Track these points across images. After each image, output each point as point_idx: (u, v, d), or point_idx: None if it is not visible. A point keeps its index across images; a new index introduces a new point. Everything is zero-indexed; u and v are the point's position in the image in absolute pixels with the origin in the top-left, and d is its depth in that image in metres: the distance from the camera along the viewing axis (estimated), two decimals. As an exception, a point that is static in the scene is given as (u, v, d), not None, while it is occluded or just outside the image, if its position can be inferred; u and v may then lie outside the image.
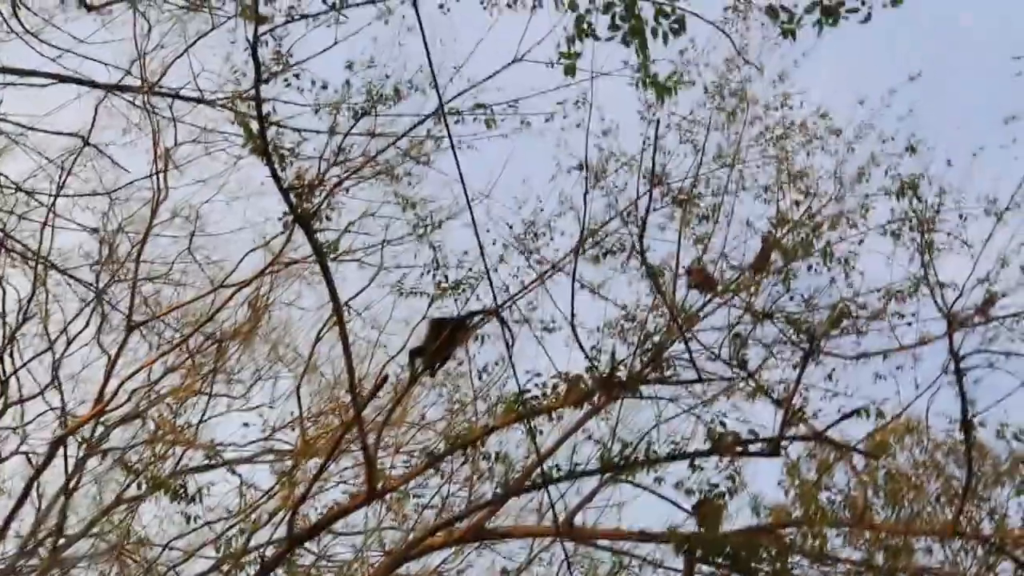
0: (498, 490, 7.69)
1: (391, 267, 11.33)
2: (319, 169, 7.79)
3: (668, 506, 7.77)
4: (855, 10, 4.51)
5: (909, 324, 8.01)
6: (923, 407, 10.23)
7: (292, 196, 7.17)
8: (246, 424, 12.26)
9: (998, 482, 14.11)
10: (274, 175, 6.86)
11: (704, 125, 8.27)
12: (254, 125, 6.52)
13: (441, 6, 7.77)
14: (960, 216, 7.90)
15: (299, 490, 7.90)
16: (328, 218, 7.72)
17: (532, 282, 8.17)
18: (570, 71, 4.88)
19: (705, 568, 7.08)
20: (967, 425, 7.81)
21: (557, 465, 7.53)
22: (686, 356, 7.65)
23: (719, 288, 8.30)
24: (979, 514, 13.91)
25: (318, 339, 11.61)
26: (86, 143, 10.72)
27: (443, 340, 7.84)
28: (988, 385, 8.56)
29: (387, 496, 8.26)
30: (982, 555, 10.39)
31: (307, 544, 10.48)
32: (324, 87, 8.28)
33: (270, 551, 8.91)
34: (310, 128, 7.74)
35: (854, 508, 8.94)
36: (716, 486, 6.98)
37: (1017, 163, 7.84)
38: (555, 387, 7.09)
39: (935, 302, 7.69)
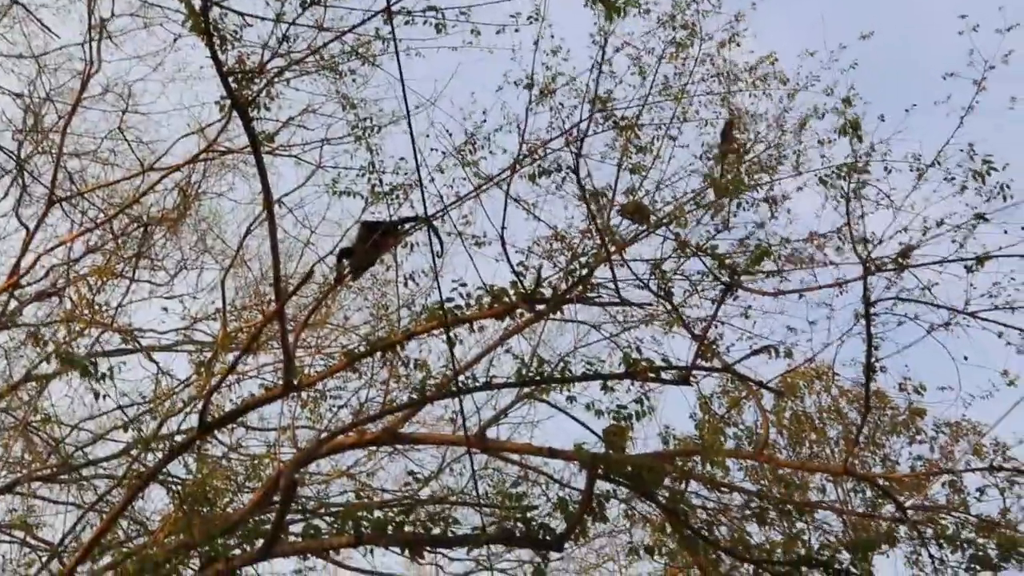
0: (414, 395, 7.77)
1: (328, 166, 11.24)
2: (261, 57, 7.61)
3: (579, 429, 8.01)
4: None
5: (827, 265, 8.22)
6: (833, 355, 10.66)
7: (231, 81, 7.00)
8: (165, 309, 12.12)
9: (894, 431, 14.84)
10: (214, 56, 6.67)
11: (655, 55, 8.28)
12: (196, 2, 6.31)
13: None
14: (886, 170, 8.09)
15: (215, 380, 7.87)
16: (267, 108, 7.57)
17: (467, 194, 8.18)
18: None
19: (607, 487, 7.28)
20: (869, 369, 8.10)
21: (474, 376, 7.67)
22: (611, 282, 7.79)
23: (652, 219, 8.42)
24: (873, 459, 14.65)
25: (248, 232, 11.47)
26: (14, 1, 10.26)
27: (372, 243, 7.83)
28: (896, 337, 8.87)
29: (303, 393, 8.31)
30: (871, 496, 10.95)
31: (220, 435, 10.53)
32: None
33: (180, 439, 8.91)
34: (255, 14, 7.51)
35: (757, 443, 9.28)
36: (624, 407, 7.16)
37: (950, 119, 8.00)
38: (479, 299, 7.16)
39: (854, 248, 7.91)
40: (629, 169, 8.13)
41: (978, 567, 10.65)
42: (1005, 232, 7.88)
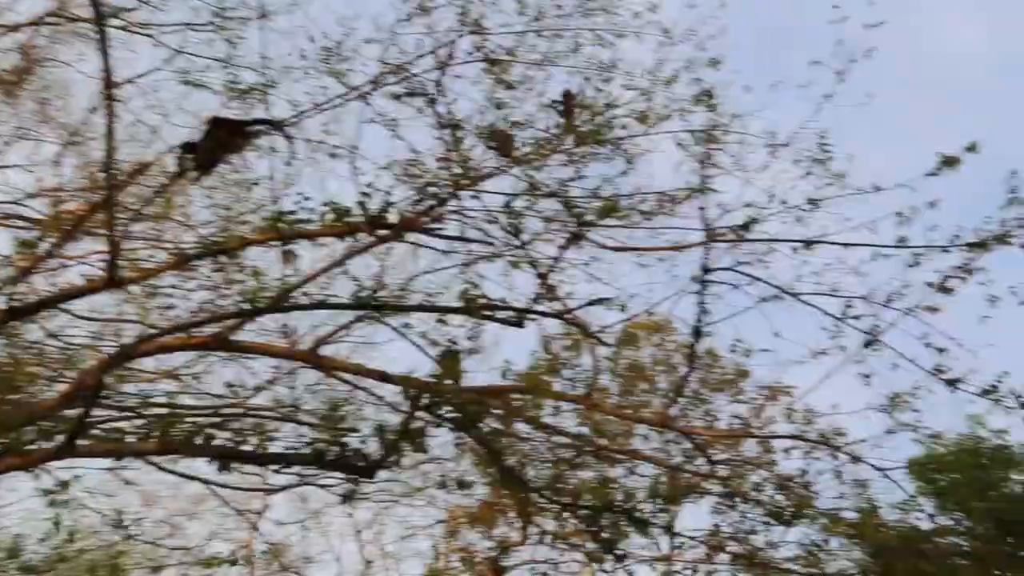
0: (245, 305, 7.52)
1: (188, 53, 10.57)
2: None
3: (417, 353, 7.97)
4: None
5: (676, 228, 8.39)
6: (671, 308, 10.98)
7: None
8: (-9, 182, 11.27)
9: (720, 388, 15.60)
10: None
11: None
12: None
13: None
14: (740, 143, 8.27)
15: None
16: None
17: (325, 103, 7.86)
18: None
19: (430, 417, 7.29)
20: (697, 331, 8.38)
21: (309, 294, 7.47)
22: (462, 212, 7.72)
23: (515, 153, 8.33)
24: (697, 414, 15.35)
25: (93, 109, 10.71)
26: None
27: (219, 140, 7.47)
28: (733, 300, 9.17)
29: (128, 287, 7.92)
30: (687, 449, 11.46)
31: (40, 321, 9.94)
32: None
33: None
34: None
35: (588, 388, 9.48)
36: (455, 342, 7.16)
37: (808, 102, 8.23)
38: (323, 216, 6.95)
39: (700, 213, 8.10)
40: (495, 104, 8.00)
41: (774, 521, 11.38)
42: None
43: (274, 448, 7.04)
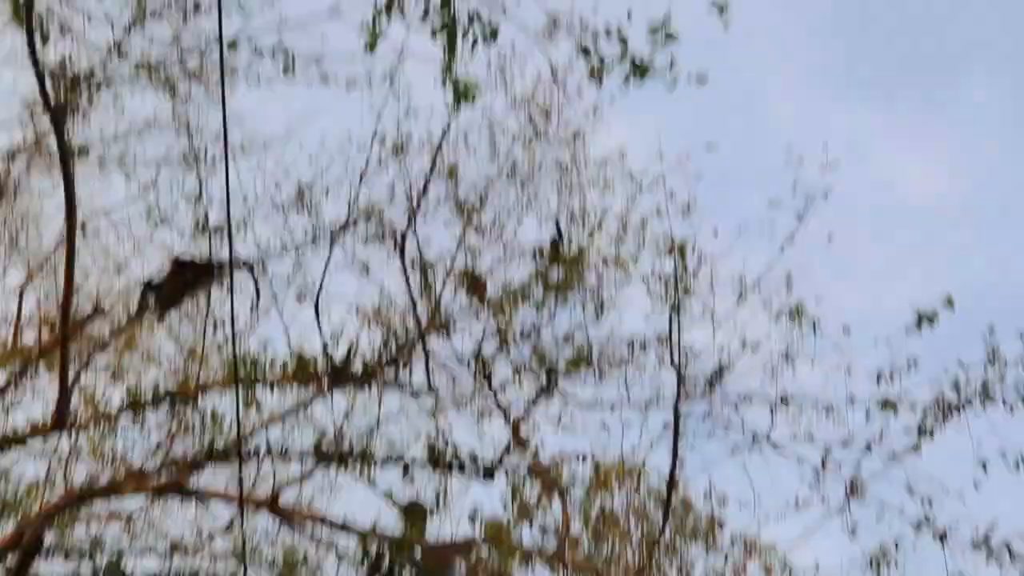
0: (202, 453, 7.20)
1: (158, 189, 10.52)
2: (91, 61, 7.03)
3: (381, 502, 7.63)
4: (664, 74, 4.46)
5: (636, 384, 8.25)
6: (643, 456, 10.72)
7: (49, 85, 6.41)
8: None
9: (694, 538, 15.10)
10: (32, 52, 6.10)
11: (510, 135, 8.14)
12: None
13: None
14: (710, 288, 8.21)
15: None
16: (86, 117, 6.93)
17: (293, 245, 7.74)
18: (372, 46, 4.56)
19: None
20: (671, 481, 8.13)
21: (268, 441, 7.17)
22: (432, 357, 7.52)
23: (486, 297, 8.21)
24: (672, 563, 14.82)
25: (58, 245, 10.53)
26: None
27: (182, 280, 7.29)
28: (706, 448, 8.97)
29: (78, 430, 7.57)
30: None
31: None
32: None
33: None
34: (87, 16, 6.91)
35: (560, 541, 9.12)
36: (418, 505, 6.86)
37: (772, 243, 8.20)
38: (285, 364, 6.72)
39: (671, 359, 7.94)
40: (466, 249, 7.91)
41: None
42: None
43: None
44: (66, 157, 6.51)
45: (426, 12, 4.28)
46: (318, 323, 6.23)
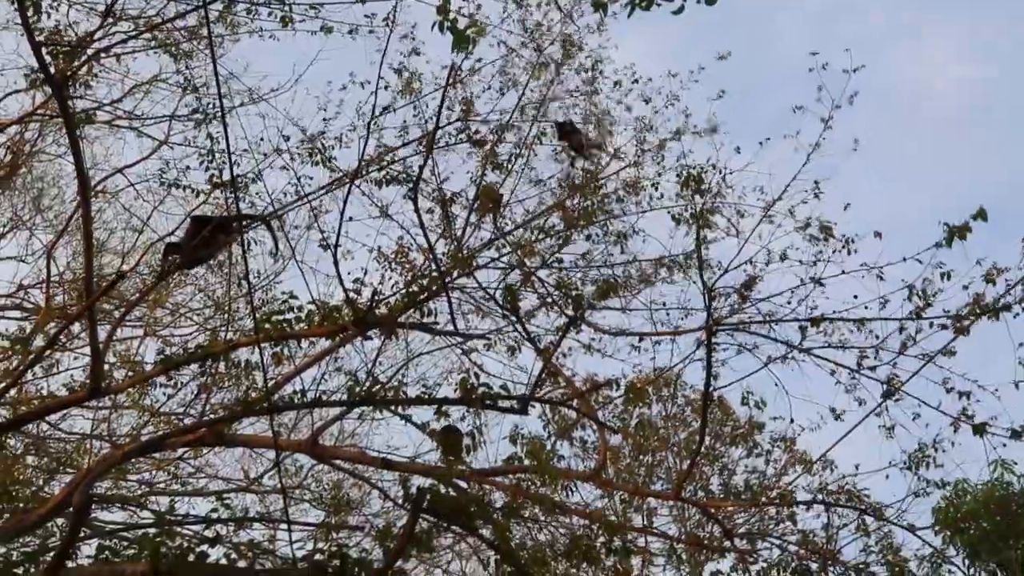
0: (237, 407, 7.26)
1: (173, 143, 10.47)
2: (89, 27, 6.90)
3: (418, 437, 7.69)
4: (669, -1, 4.26)
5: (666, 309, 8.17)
6: (677, 372, 10.71)
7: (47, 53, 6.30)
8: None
9: (734, 443, 15.20)
10: (26, 25, 5.97)
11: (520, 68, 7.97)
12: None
13: None
14: (737, 210, 8.07)
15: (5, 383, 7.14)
16: (88, 85, 6.83)
17: (310, 194, 7.67)
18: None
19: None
20: (706, 396, 8.07)
21: (303, 390, 7.23)
22: (456, 300, 7.48)
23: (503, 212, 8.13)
24: (711, 470, 14.97)
25: (78, 206, 10.52)
26: None
27: (202, 239, 7.26)
28: (737, 364, 8.90)
29: (112, 396, 7.68)
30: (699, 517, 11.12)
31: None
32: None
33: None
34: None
35: (599, 461, 9.17)
36: (454, 428, 6.92)
37: (798, 154, 8.03)
38: (309, 315, 6.72)
39: (700, 277, 7.85)
40: (482, 183, 7.80)
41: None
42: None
43: (270, 562, 6.73)
44: (71, 123, 6.42)
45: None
46: (337, 271, 6.18)
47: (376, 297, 6.70)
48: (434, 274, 6.84)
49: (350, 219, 6.89)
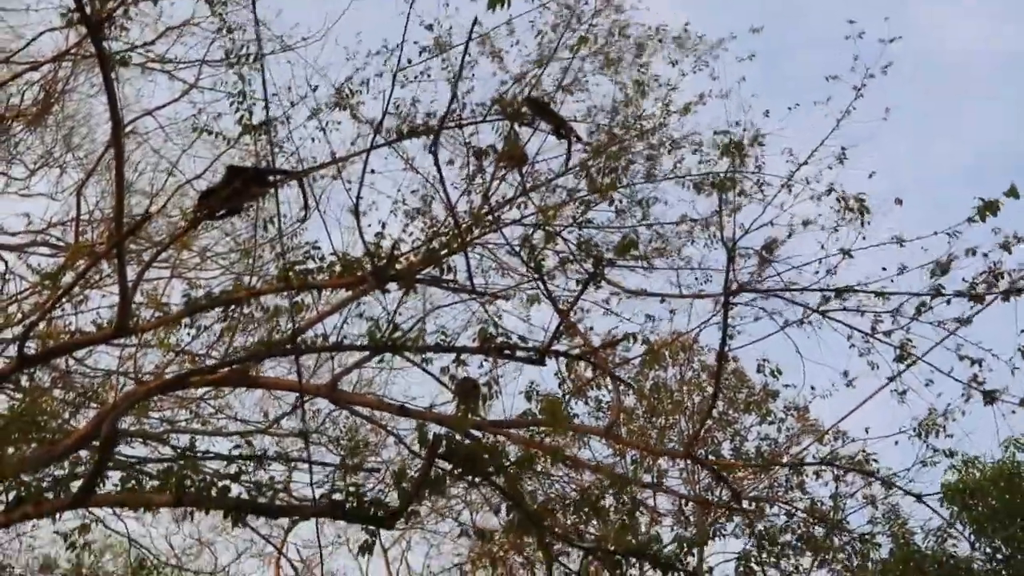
0: (261, 347, 7.44)
1: (204, 87, 10.58)
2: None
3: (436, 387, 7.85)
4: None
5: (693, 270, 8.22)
6: (695, 334, 10.78)
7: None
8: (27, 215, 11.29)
9: (747, 409, 15.33)
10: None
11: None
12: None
13: None
14: (759, 169, 8.07)
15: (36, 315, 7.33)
16: (125, 28, 6.92)
17: (341, 156, 7.75)
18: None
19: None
20: (721, 356, 8.15)
21: (325, 334, 7.39)
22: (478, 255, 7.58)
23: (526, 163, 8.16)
24: (724, 435, 15.11)
25: (108, 146, 10.68)
26: None
27: (236, 188, 7.38)
28: (754, 329, 8.95)
29: (138, 334, 7.86)
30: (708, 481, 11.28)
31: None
32: None
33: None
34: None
35: (612, 417, 9.30)
36: (471, 380, 7.07)
37: (828, 120, 8.02)
38: (331, 266, 6.85)
39: (721, 238, 7.88)
40: (504, 142, 7.85)
41: (806, 547, 11.10)
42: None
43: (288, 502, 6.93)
44: (106, 65, 6.52)
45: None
46: (358, 223, 6.27)
47: (395, 250, 6.81)
48: (454, 231, 6.94)
49: (372, 171, 6.98)
